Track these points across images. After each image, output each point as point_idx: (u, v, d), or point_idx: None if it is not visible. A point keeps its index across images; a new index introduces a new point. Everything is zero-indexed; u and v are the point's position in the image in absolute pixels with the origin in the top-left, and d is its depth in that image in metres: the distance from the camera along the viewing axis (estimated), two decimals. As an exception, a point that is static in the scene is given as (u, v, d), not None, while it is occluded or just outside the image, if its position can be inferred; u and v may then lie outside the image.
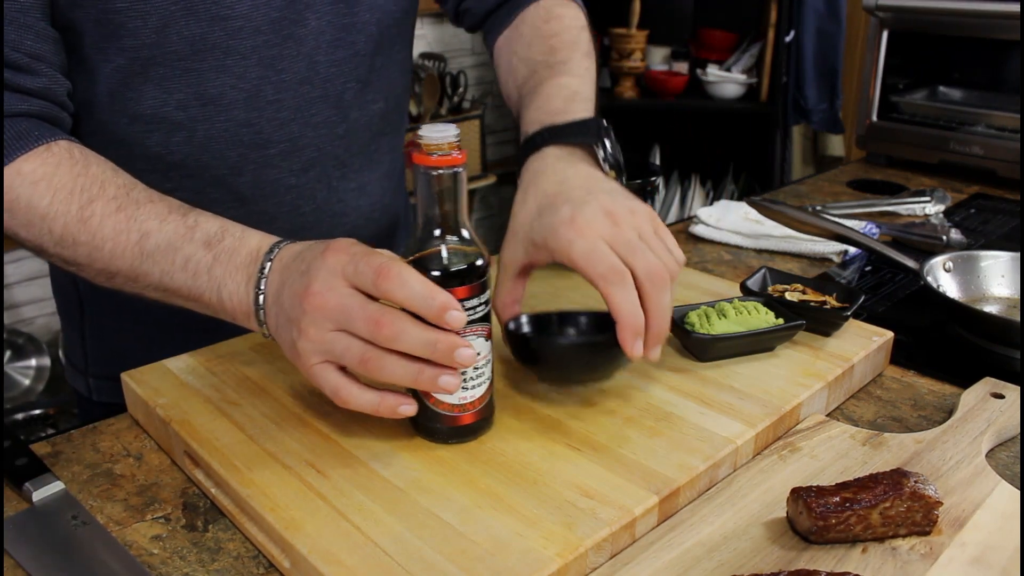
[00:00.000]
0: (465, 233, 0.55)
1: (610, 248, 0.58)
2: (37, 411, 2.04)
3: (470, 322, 0.54)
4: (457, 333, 0.52)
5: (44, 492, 0.56)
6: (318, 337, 0.52)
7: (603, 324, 0.61)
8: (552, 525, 0.49)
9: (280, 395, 0.64)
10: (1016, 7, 1.25)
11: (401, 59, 0.88)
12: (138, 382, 0.65)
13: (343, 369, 0.54)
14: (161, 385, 0.65)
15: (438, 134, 0.53)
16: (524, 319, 0.65)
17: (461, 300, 0.53)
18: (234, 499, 0.54)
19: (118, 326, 0.84)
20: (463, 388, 0.55)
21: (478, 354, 0.54)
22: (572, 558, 0.47)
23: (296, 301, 0.53)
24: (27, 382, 2.13)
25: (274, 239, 0.60)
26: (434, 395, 0.55)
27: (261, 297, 0.57)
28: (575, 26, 0.84)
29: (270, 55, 0.74)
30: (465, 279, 0.54)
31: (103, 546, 0.52)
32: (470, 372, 0.55)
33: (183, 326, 0.72)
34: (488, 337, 0.56)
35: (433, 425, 0.57)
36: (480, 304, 0.55)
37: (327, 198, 0.83)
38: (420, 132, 0.53)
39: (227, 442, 0.57)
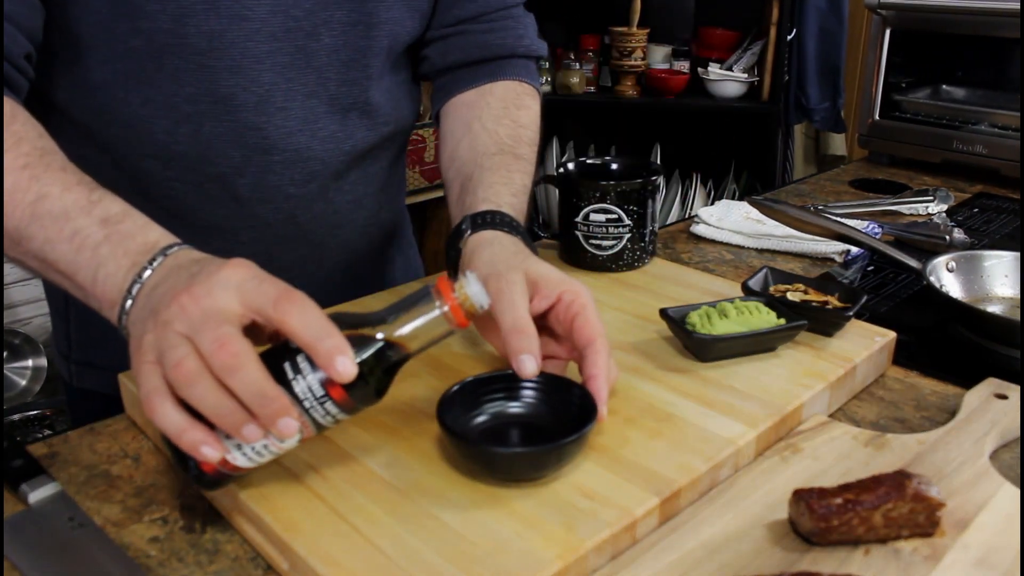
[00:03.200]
0: (392, 357, 0.50)
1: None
2: (33, 412, 2.03)
3: (311, 415, 0.48)
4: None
5: (40, 493, 0.55)
6: (163, 334, 0.47)
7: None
8: (552, 526, 0.49)
9: (279, 395, 0.63)
10: (1018, 5, 1.24)
11: (408, 80, 0.88)
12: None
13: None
14: (159, 385, 0.64)
15: (479, 296, 0.51)
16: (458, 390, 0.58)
17: (331, 398, 0.48)
18: (232, 500, 0.53)
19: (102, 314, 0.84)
20: (239, 447, 0.48)
21: (297, 437, 0.48)
22: (573, 559, 0.47)
23: (169, 296, 0.48)
24: (23, 383, 2.12)
25: (176, 240, 0.55)
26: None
27: (136, 287, 0.52)
28: (536, 123, 0.87)
29: (282, 63, 0.74)
30: (356, 384, 0.48)
31: (100, 548, 0.51)
32: (256, 444, 0.48)
33: None
34: (301, 441, 0.50)
35: (186, 456, 0.48)
36: (339, 412, 0.49)
37: (324, 209, 0.82)
38: (468, 277, 0.51)
39: (225, 443, 0.57)
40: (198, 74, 0.71)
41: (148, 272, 0.52)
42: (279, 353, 0.48)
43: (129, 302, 0.52)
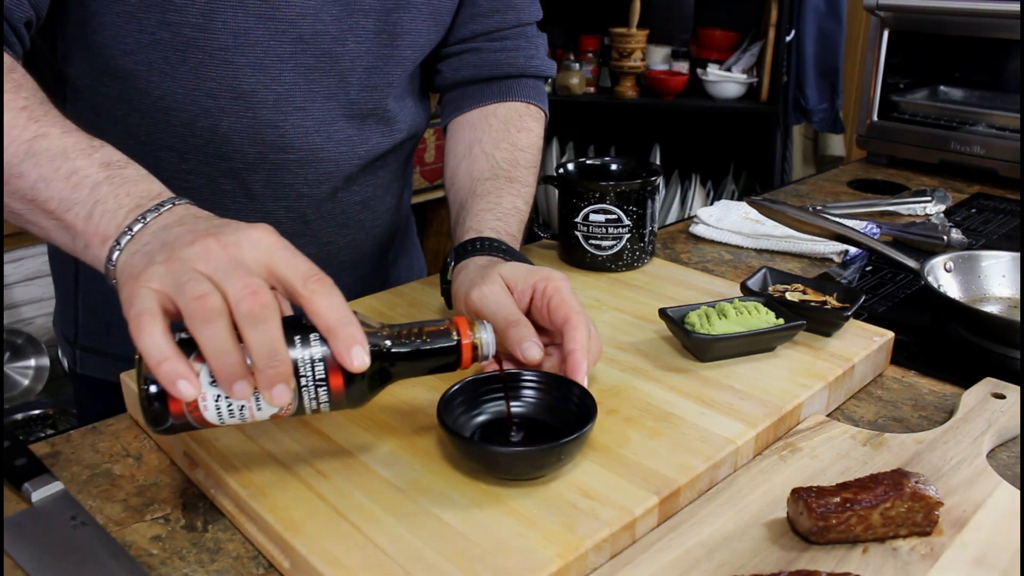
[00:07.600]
0: (393, 368, 0.52)
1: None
2: (36, 411, 2.03)
3: (301, 394, 0.48)
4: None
5: (43, 492, 0.56)
6: (181, 268, 0.46)
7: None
8: (552, 525, 0.49)
9: (280, 395, 0.63)
10: (1017, 6, 1.24)
11: (420, 89, 0.90)
12: (137, 382, 0.65)
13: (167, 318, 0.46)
14: (161, 385, 0.65)
15: (489, 344, 0.54)
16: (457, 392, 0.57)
17: (328, 384, 0.49)
18: (233, 499, 0.54)
19: (111, 299, 0.84)
20: (216, 399, 0.47)
21: (277, 411, 0.49)
22: (572, 558, 0.47)
23: (190, 237, 0.47)
24: (26, 382, 2.13)
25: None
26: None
27: (138, 226, 0.51)
28: (537, 145, 0.88)
29: (305, 64, 0.75)
30: (354, 380, 0.49)
31: (102, 546, 0.52)
32: (236, 402, 0.48)
33: None
34: (280, 415, 0.49)
35: (152, 394, 0.47)
36: (326, 401, 0.49)
37: (333, 209, 0.84)
38: (486, 324, 0.54)
39: (226, 442, 0.57)
40: (220, 69, 0.72)
41: (154, 215, 0.51)
42: (290, 325, 0.48)
43: (127, 238, 0.51)
